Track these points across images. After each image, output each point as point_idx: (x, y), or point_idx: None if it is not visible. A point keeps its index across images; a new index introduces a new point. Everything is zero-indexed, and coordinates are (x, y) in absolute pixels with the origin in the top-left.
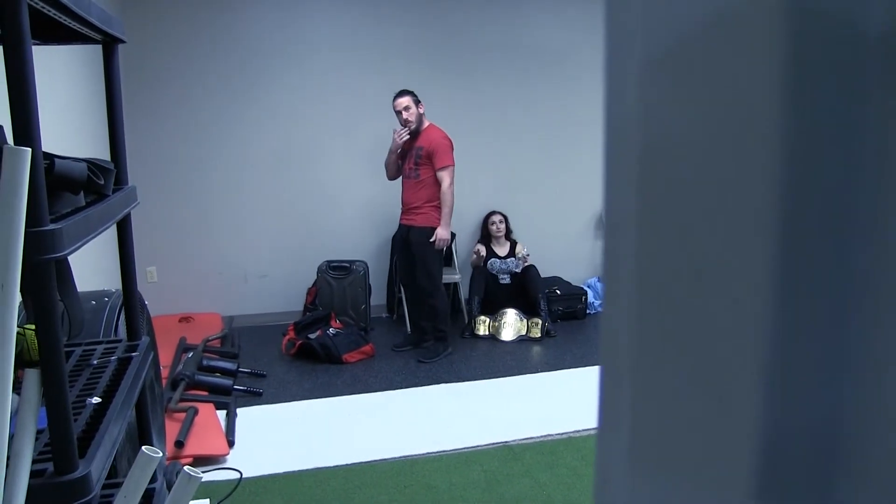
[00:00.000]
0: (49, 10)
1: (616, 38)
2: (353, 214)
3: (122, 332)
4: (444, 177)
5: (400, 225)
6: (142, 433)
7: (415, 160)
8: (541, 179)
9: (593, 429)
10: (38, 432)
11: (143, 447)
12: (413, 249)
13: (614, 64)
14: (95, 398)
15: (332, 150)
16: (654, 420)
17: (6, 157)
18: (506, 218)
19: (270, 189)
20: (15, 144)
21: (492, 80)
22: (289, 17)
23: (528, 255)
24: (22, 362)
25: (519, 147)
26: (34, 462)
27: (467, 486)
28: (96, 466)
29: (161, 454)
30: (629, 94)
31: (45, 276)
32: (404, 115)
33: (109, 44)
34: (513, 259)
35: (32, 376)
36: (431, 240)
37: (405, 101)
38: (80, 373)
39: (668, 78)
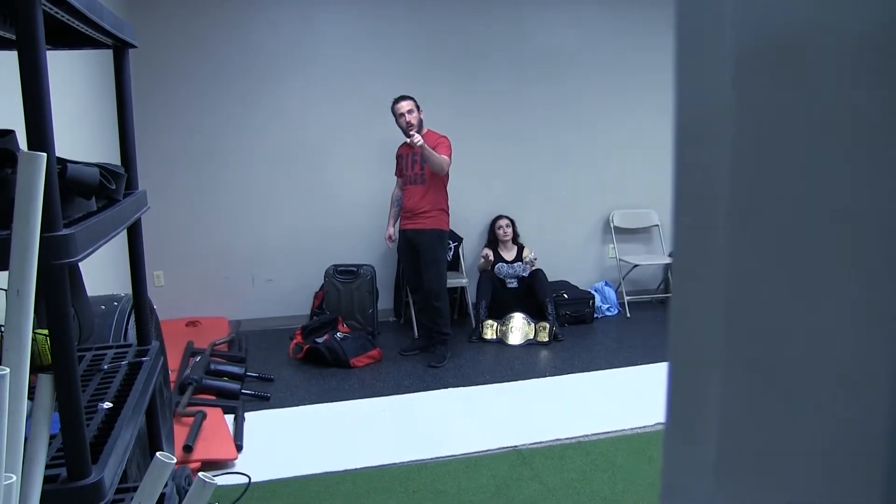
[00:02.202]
0: (63, 16)
1: (697, 30)
2: (360, 218)
3: (132, 336)
4: (445, 156)
5: (403, 231)
6: (152, 438)
7: (420, 164)
8: (548, 183)
9: (602, 433)
10: (51, 437)
11: (158, 453)
12: (423, 251)
13: (693, 57)
14: (107, 403)
15: (339, 154)
16: (751, 430)
17: (22, 163)
18: (513, 222)
19: (278, 193)
20: (29, 150)
21: (499, 83)
22: (295, 21)
23: (535, 259)
24: (33, 367)
25: (526, 151)
26: (47, 467)
27: (476, 491)
28: (109, 472)
29: (174, 460)
30: (718, 87)
31: (58, 282)
32: (407, 117)
33: (120, 49)
34: (520, 263)
35: (46, 381)
36: (414, 140)
37: (408, 104)
38: (91, 378)
39: (769, 70)
